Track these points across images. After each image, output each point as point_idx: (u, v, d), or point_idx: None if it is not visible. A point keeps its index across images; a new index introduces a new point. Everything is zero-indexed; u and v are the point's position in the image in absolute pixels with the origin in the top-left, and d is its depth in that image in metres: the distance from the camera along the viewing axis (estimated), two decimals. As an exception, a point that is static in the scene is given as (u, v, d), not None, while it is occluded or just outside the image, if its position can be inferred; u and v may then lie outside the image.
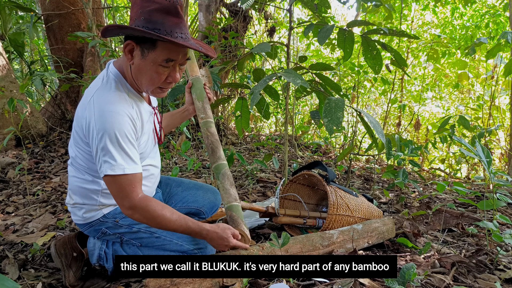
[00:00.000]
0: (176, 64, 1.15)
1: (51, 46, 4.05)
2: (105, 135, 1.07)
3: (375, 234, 1.52)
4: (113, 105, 1.10)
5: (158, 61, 1.11)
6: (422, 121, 6.24)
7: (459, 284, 1.21)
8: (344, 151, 2.43)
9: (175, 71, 1.16)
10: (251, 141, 4.41)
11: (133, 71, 1.17)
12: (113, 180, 1.10)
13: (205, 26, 4.26)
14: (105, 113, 1.08)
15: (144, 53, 1.11)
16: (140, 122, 1.21)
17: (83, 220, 1.30)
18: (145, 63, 1.12)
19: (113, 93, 1.14)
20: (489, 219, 1.94)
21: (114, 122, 1.08)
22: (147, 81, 1.16)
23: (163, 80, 1.15)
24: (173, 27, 1.07)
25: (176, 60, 1.13)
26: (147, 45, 1.09)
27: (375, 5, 2.68)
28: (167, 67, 1.13)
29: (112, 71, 1.20)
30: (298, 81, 1.48)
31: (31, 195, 2.40)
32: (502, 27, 5.60)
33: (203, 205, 1.62)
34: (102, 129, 1.07)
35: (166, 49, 1.09)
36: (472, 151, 1.70)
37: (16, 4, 3.90)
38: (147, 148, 1.28)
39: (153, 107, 1.35)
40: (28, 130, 3.44)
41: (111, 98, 1.12)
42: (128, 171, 1.10)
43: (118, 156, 1.09)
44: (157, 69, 1.12)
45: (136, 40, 1.10)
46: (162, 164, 2.97)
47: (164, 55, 1.10)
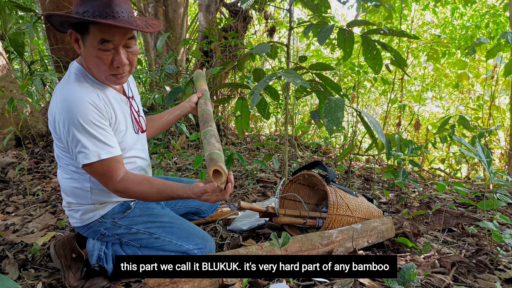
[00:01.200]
0: (118, 46, 1.11)
1: (51, 46, 4.05)
2: (70, 126, 1.08)
3: (374, 233, 1.52)
4: (73, 95, 1.10)
5: (95, 44, 1.08)
6: (422, 121, 6.24)
7: (459, 284, 1.21)
8: (344, 151, 2.43)
9: (118, 53, 1.11)
10: (251, 141, 4.41)
11: (83, 61, 1.17)
12: (92, 169, 1.11)
13: (205, 26, 4.26)
14: (66, 104, 1.09)
15: (84, 40, 1.10)
16: (111, 109, 1.19)
17: (81, 222, 1.29)
18: (87, 50, 1.11)
19: (74, 84, 1.14)
20: (489, 219, 1.94)
21: (75, 110, 1.08)
22: (95, 69, 1.14)
23: (109, 65, 1.13)
24: (103, 7, 1.04)
25: (112, 40, 1.09)
26: (83, 31, 1.08)
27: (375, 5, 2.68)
28: (106, 50, 1.10)
29: (73, 66, 1.21)
30: (298, 81, 1.47)
31: (31, 195, 2.40)
32: (502, 27, 5.59)
33: (202, 203, 1.62)
34: (66, 120, 1.08)
35: (98, 30, 1.06)
36: (472, 151, 1.70)
37: (16, 4, 3.90)
38: (126, 137, 1.27)
39: (127, 96, 1.33)
40: (28, 130, 3.44)
41: (72, 89, 1.12)
42: (104, 156, 1.11)
43: (89, 143, 1.09)
44: (97, 53, 1.10)
45: (76, 29, 1.10)
46: (162, 164, 2.97)
47: (97, 37, 1.07)
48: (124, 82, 1.22)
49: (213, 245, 1.38)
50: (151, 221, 1.32)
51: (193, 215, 1.68)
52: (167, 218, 1.35)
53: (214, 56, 4.18)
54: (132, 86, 1.42)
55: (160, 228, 1.32)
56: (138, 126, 1.37)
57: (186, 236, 1.32)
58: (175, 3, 4.61)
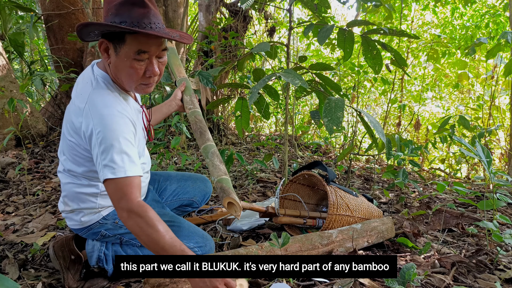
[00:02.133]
0: (152, 56, 1.12)
1: (51, 46, 4.05)
2: (105, 139, 1.06)
3: (374, 233, 1.52)
4: (111, 108, 1.10)
5: (130, 55, 1.09)
6: (422, 121, 6.24)
7: (459, 284, 1.21)
8: (344, 151, 2.43)
9: (151, 64, 1.13)
10: (251, 141, 4.41)
11: (112, 70, 1.16)
12: (114, 183, 1.07)
13: (205, 26, 4.26)
14: (104, 117, 1.07)
15: (117, 50, 1.10)
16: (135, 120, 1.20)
17: (80, 225, 1.28)
18: (120, 59, 1.10)
19: (107, 96, 1.13)
20: (489, 219, 1.94)
21: (114, 125, 1.07)
22: (126, 78, 1.14)
23: (142, 75, 1.13)
24: (140, 18, 1.05)
25: (149, 51, 1.10)
26: (117, 41, 1.08)
27: (375, 5, 2.68)
28: (141, 60, 1.11)
29: (98, 73, 1.19)
30: (297, 82, 1.47)
31: (31, 195, 2.40)
32: (502, 27, 5.59)
33: (194, 195, 1.63)
34: (102, 134, 1.06)
35: (135, 41, 1.07)
36: (472, 151, 1.70)
37: (16, 4, 3.90)
38: (139, 146, 1.27)
39: (140, 105, 1.34)
40: (28, 130, 3.44)
41: (107, 101, 1.11)
42: (130, 173, 1.08)
43: (119, 159, 1.07)
44: (132, 63, 1.10)
45: (108, 38, 1.09)
46: (162, 164, 2.97)
47: (134, 48, 1.08)
48: (151, 91, 1.23)
49: (213, 244, 1.39)
50: None
51: (186, 207, 1.69)
52: (167, 217, 1.35)
53: (214, 56, 4.18)
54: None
55: None
56: (148, 136, 1.37)
57: (186, 234, 1.32)
58: (175, 3, 4.61)
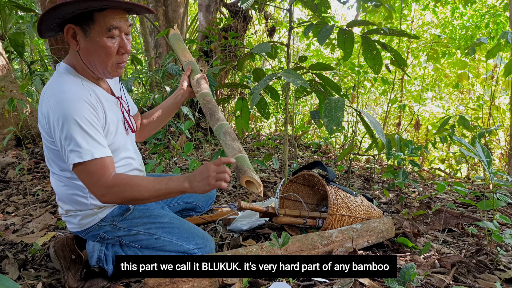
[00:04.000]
0: (121, 33, 1.12)
1: (51, 46, 4.05)
2: (65, 123, 1.04)
3: (374, 233, 1.52)
4: (68, 93, 1.08)
5: (102, 32, 1.08)
6: (422, 121, 6.24)
7: (459, 284, 1.21)
8: (344, 151, 2.43)
9: (123, 40, 1.13)
10: (251, 141, 4.41)
11: (82, 56, 1.14)
12: (83, 168, 1.06)
13: (205, 26, 4.26)
14: (61, 102, 1.06)
15: (87, 32, 1.09)
16: (102, 109, 1.17)
17: (80, 227, 1.28)
18: (91, 41, 1.09)
19: (65, 83, 1.12)
20: (489, 219, 1.94)
21: (71, 108, 1.05)
22: (100, 60, 1.13)
23: (115, 53, 1.13)
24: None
25: (119, 27, 1.10)
26: (85, 22, 1.07)
27: (375, 5, 2.68)
28: (113, 37, 1.10)
29: (61, 66, 1.18)
30: (298, 81, 1.47)
31: (31, 195, 2.40)
32: (502, 27, 5.59)
33: (198, 199, 1.62)
34: (61, 118, 1.05)
35: (105, 17, 1.07)
36: (472, 151, 1.70)
37: (16, 4, 3.90)
38: (117, 138, 1.24)
39: (117, 97, 1.32)
40: (28, 130, 3.44)
41: (65, 87, 1.10)
42: (97, 155, 1.07)
43: (83, 142, 1.05)
44: (105, 42, 1.09)
45: (75, 22, 1.08)
46: (162, 164, 2.97)
47: (105, 25, 1.08)
48: (121, 73, 1.22)
49: (213, 245, 1.38)
50: (151, 222, 1.32)
51: (189, 211, 1.68)
52: (166, 218, 1.35)
53: (214, 56, 4.18)
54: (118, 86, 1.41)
55: (160, 229, 1.31)
56: (129, 126, 1.34)
57: (186, 236, 1.32)
58: (175, 3, 4.61)
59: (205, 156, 3.40)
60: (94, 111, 1.11)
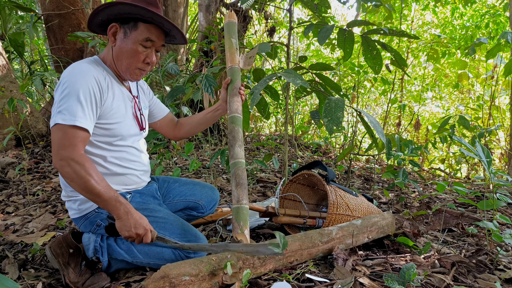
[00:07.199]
0: (154, 47, 1.29)
1: (51, 46, 4.05)
2: (67, 88, 1.15)
3: (374, 228, 1.51)
4: (83, 68, 1.20)
5: (139, 39, 1.24)
6: (422, 121, 6.24)
7: (459, 284, 1.21)
8: (344, 151, 2.43)
9: (152, 53, 1.29)
10: (251, 141, 4.41)
11: (114, 52, 1.28)
12: (61, 129, 1.13)
13: (205, 26, 4.26)
14: (74, 71, 1.18)
15: (127, 34, 1.25)
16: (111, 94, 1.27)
17: (79, 213, 1.32)
18: (127, 42, 1.25)
19: (86, 63, 1.24)
20: (489, 219, 1.94)
21: (80, 78, 1.16)
22: (127, 60, 1.27)
23: (142, 60, 1.28)
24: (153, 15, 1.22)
25: (155, 41, 1.27)
26: (129, 26, 1.24)
27: (375, 5, 2.68)
28: (146, 47, 1.26)
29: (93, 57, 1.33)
30: (298, 81, 1.47)
31: (31, 195, 2.40)
32: (502, 27, 5.59)
33: (200, 198, 1.62)
34: (67, 83, 1.15)
35: (147, 29, 1.25)
36: (472, 151, 1.70)
37: (16, 4, 3.90)
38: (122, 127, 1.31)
39: (133, 95, 1.42)
40: (28, 130, 3.44)
41: (84, 65, 1.22)
42: (79, 124, 1.13)
43: (74, 108, 1.13)
44: (137, 47, 1.25)
45: (120, 22, 1.25)
46: (162, 164, 2.97)
47: (144, 35, 1.24)
48: (140, 79, 1.37)
49: (206, 243, 1.38)
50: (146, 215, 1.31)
51: (191, 210, 1.67)
52: (161, 213, 1.35)
53: (214, 56, 4.18)
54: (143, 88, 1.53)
55: (154, 223, 1.31)
56: (138, 123, 1.42)
57: (179, 232, 1.32)
58: (175, 3, 4.61)
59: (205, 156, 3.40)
60: (99, 90, 1.21)
